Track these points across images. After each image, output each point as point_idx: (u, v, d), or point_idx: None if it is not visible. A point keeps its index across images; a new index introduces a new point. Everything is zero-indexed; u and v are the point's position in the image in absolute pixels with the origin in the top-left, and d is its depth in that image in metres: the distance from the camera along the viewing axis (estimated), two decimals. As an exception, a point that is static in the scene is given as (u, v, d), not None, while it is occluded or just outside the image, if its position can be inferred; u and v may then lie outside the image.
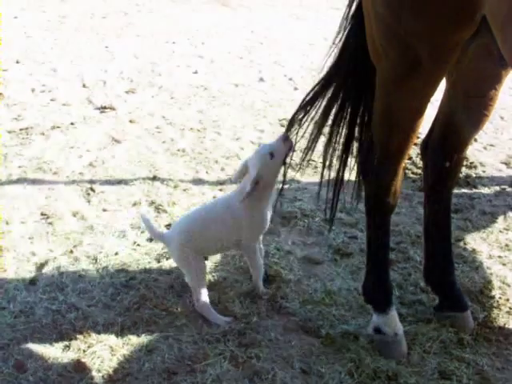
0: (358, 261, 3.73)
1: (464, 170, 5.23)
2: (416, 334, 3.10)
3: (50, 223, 3.88)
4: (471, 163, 5.39)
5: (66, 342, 2.86)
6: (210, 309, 3.10)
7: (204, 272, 3.19)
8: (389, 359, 2.92)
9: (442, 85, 2.77)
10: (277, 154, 3.11)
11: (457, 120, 2.99)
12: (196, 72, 7.53)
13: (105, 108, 6.02)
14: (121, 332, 2.95)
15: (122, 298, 3.19)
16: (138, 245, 3.72)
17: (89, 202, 4.20)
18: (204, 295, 3.11)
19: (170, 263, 3.53)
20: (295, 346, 2.96)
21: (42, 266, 3.44)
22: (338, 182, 3.30)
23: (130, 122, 5.78)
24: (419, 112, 2.73)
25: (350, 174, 3.30)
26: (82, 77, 7.04)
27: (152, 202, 4.23)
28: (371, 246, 3.08)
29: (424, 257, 3.31)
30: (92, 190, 4.35)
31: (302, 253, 3.77)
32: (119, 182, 4.52)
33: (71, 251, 3.58)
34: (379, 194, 2.93)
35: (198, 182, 4.64)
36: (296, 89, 7.29)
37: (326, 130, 3.29)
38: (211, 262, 3.58)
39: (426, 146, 3.23)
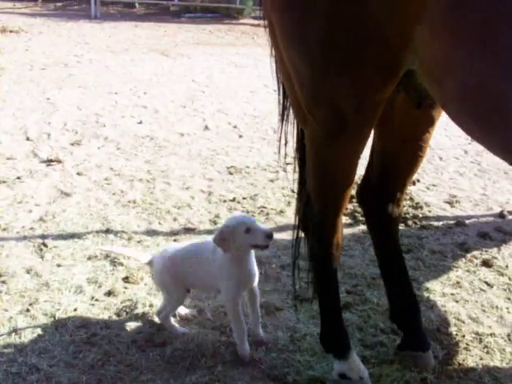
0: (318, 306, 3.78)
1: (411, 211, 5.42)
2: (380, 375, 3.17)
3: (3, 282, 3.77)
4: (417, 204, 5.59)
5: (30, 407, 2.78)
6: (170, 323, 3.36)
7: (180, 300, 3.37)
8: (356, 403, 2.97)
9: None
10: (252, 235, 3.06)
11: (394, 163, 3.06)
12: (141, 122, 7.56)
13: (51, 161, 5.95)
14: (86, 391, 2.89)
15: (85, 355, 3.13)
16: (97, 300, 3.66)
17: (42, 257, 4.12)
18: (170, 313, 3.36)
19: (130, 317, 3.49)
20: (263, 395, 2.97)
21: (-2, 326, 3.35)
22: (297, 228, 3.36)
23: (78, 174, 5.72)
24: (351, 167, 2.80)
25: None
26: (26, 129, 6.95)
27: (107, 256, 4.17)
28: (321, 296, 3.14)
29: (388, 298, 3.40)
30: (44, 245, 4.27)
31: (261, 300, 3.79)
32: (72, 236, 4.45)
33: (27, 310, 3.49)
34: (322, 248, 2.98)
35: (151, 233, 4.62)
36: (241, 136, 7.41)
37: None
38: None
39: (363, 191, 3.32)
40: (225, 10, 19.22)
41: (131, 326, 3.42)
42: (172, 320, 3.39)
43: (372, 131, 2.80)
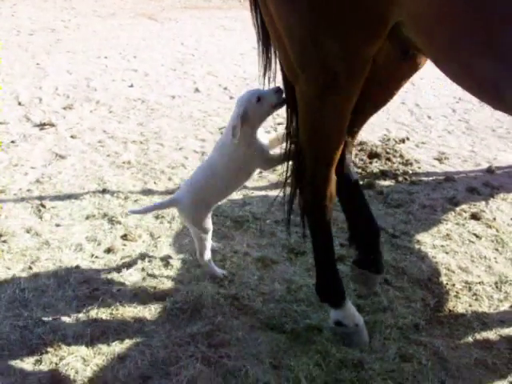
0: (312, 258, 3.88)
1: (401, 167, 5.52)
2: (375, 322, 3.28)
3: (4, 241, 3.84)
4: (407, 160, 5.68)
5: (38, 357, 2.87)
6: (211, 264, 3.61)
7: (210, 232, 3.56)
8: (352, 348, 3.09)
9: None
10: (264, 101, 3.26)
11: (361, 106, 3.05)
12: (132, 86, 7.56)
13: (44, 125, 5.97)
14: (91, 342, 2.99)
15: (88, 309, 3.22)
16: (97, 257, 3.74)
17: (41, 218, 4.18)
18: (208, 253, 3.57)
19: (130, 272, 3.58)
20: (263, 342, 3.08)
21: (1, 284, 3.42)
22: (290, 183, 3.42)
23: (72, 137, 5.75)
24: (342, 121, 2.83)
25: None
26: (17, 94, 6.94)
27: (105, 215, 4.25)
28: (316, 248, 3.23)
29: (347, 221, 3.44)
30: (42, 206, 4.33)
31: (257, 254, 3.89)
32: (69, 196, 4.51)
33: (30, 267, 3.57)
34: (316, 200, 3.05)
35: (147, 192, 4.69)
36: (231, 98, 7.44)
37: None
38: (176, 267, 3.66)
39: None
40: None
41: (131, 280, 3.51)
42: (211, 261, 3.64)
43: None
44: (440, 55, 2.51)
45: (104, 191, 4.61)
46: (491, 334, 3.33)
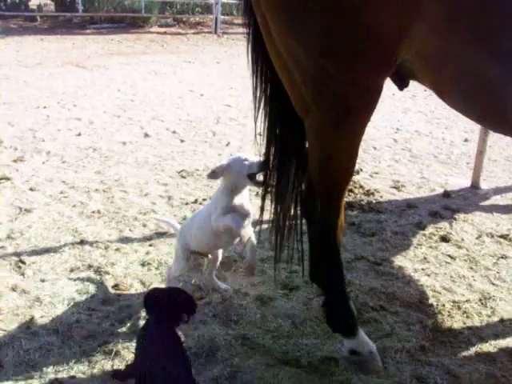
0: (307, 292, 3.97)
1: (364, 198, 5.72)
2: (384, 348, 3.37)
3: (-8, 303, 3.68)
4: (367, 191, 5.89)
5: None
6: (215, 279, 3.92)
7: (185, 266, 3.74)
8: (370, 375, 3.16)
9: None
10: (251, 165, 3.38)
11: None
12: (79, 134, 7.44)
13: (-1, 179, 5.78)
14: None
15: (102, 363, 3.13)
16: (93, 309, 3.64)
17: (23, 274, 4.02)
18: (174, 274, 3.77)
19: (133, 323, 3.51)
20: (284, 379, 3.09)
21: (0, 346, 3.26)
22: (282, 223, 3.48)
23: (31, 189, 5.58)
24: (356, 149, 3.01)
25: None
26: (-38, 150, 6.68)
27: (89, 266, 4.15)
28: (327, 278, 3.29)
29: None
30: (22, 262, 4.17)
31: (254, 293, 3.91)
32: (47, 250, 4.37)
33: (28, 327, 3.42)
34: (328, 231, 3.13)
35: (125, 240, 4.61)
36: (182, 141, 7.47)
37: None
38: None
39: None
40: (130, 19, 19.06)
41: (138, 330, 3.43)
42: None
43: None
44: (445, 88, 2.70)
45: (82, 242, 4.50)
46: (491, 348, 3.50)
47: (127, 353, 3.20)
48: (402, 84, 3.09)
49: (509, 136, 2.80)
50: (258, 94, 3.26)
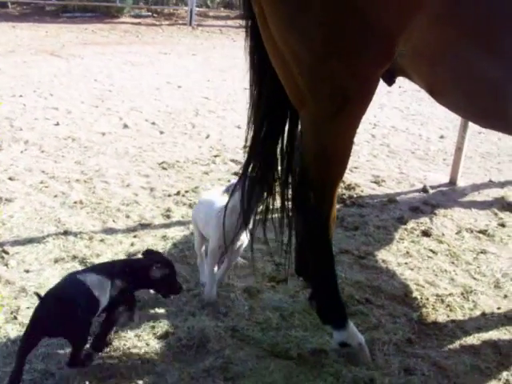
0: (293, 285, 3.99)
1: (345, 192, 5.76)
2: (372, 340, 3.41)
3: (-24, 294, 3.62)
4: (348, 185, 5.93)
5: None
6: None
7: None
8: (360, 367, 3.19)
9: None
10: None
11: None
12: (58, 124, 7.33)
13: (-23, 168, 5.67)
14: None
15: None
16: (80, 300, 3.61)
17: (6, 265, 3.96)
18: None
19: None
20: (275, 371, 3.12)
21: (-13, 338, 3.22)
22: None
23: (10, 179, 5.50)
24: (351, 140, 3.05)
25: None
26: None
27: (74, 257, 4.11)
28: (318, 270, 3.31)
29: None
30: (5, 252, 4.10)
31: (241, 285, 3.92)
32: (30, 240, 4.31)
33: (14, 317, 3.38)
34: (321, 222, 3.15)
35: (109, 231, 4.58)
36: (162, 132, 7.42)
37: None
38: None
39: None
40: (104, 8, 18.80)
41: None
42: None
43: None
44: (440, 85, 2.73)
45: (66, 233, 4.45)
46: (474, 341, 3.58)
47: (117, 341, 3.18)
48: (390, 80, 3.12)
49: (507, 134, 2.85)
50: (252, 85, 3.26)
